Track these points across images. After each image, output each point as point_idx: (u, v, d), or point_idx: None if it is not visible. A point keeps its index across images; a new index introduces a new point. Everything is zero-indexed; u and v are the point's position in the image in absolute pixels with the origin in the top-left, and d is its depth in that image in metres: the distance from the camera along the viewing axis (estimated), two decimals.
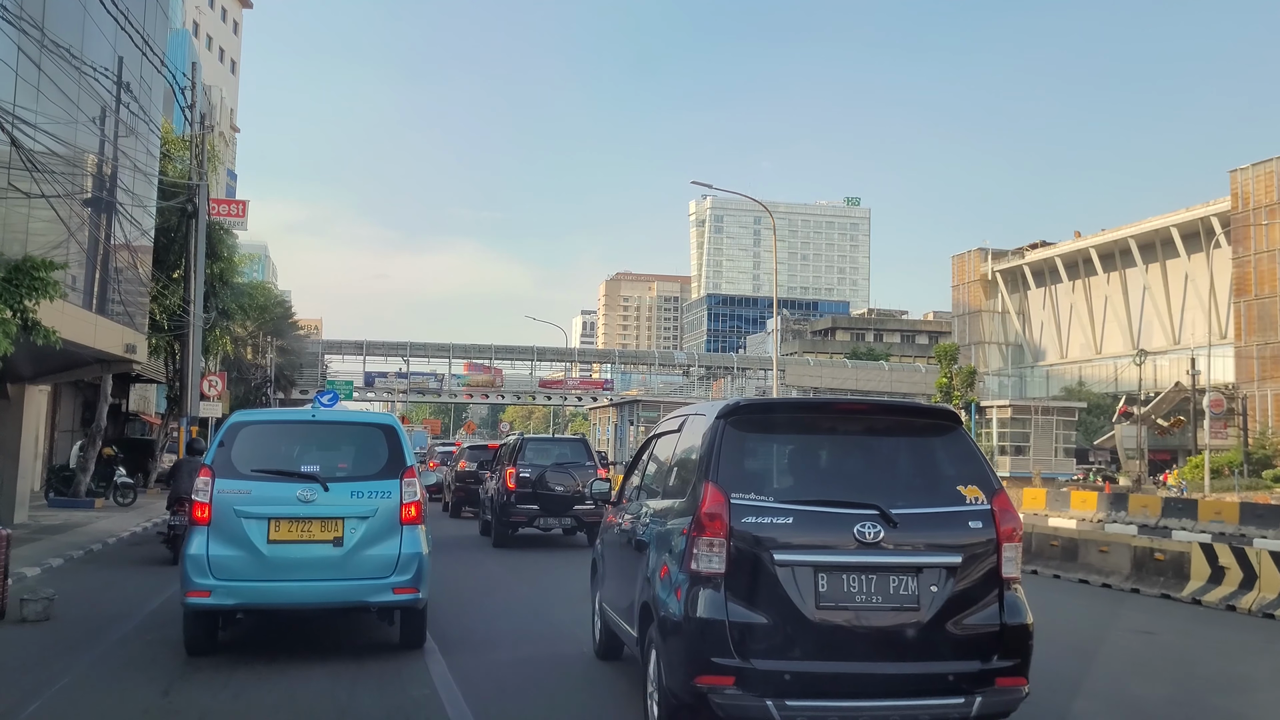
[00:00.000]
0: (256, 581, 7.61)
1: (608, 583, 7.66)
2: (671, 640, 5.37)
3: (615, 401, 59.99)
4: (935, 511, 5.39)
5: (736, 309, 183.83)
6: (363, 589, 7.75)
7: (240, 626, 8.84)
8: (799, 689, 4.98)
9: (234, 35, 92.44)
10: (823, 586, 5.12)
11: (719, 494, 5.25)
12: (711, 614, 5.11)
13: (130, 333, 17.63)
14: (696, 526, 5.25)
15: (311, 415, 9.53)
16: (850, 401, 6.41)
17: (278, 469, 7.93)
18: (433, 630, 8.69)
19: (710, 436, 5.56)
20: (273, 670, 7.59)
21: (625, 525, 7.13)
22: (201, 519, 7.64)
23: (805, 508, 5.27)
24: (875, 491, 5.38)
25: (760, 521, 5.19)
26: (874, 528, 5.18)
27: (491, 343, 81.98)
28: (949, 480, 5.53)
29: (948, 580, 5.23)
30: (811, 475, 5.70)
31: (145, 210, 17.38)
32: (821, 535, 5.21)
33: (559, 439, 20.77)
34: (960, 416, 6.23)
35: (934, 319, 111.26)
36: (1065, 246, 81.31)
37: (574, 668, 7.94)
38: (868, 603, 5.15)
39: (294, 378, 68.37)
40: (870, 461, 5.76)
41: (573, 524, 17.09)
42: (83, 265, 15.41)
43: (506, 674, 7.77)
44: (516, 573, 14.21)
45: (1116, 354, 74.42)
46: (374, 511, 7.81)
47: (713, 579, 5.16)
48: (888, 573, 5.20)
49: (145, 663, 7.82)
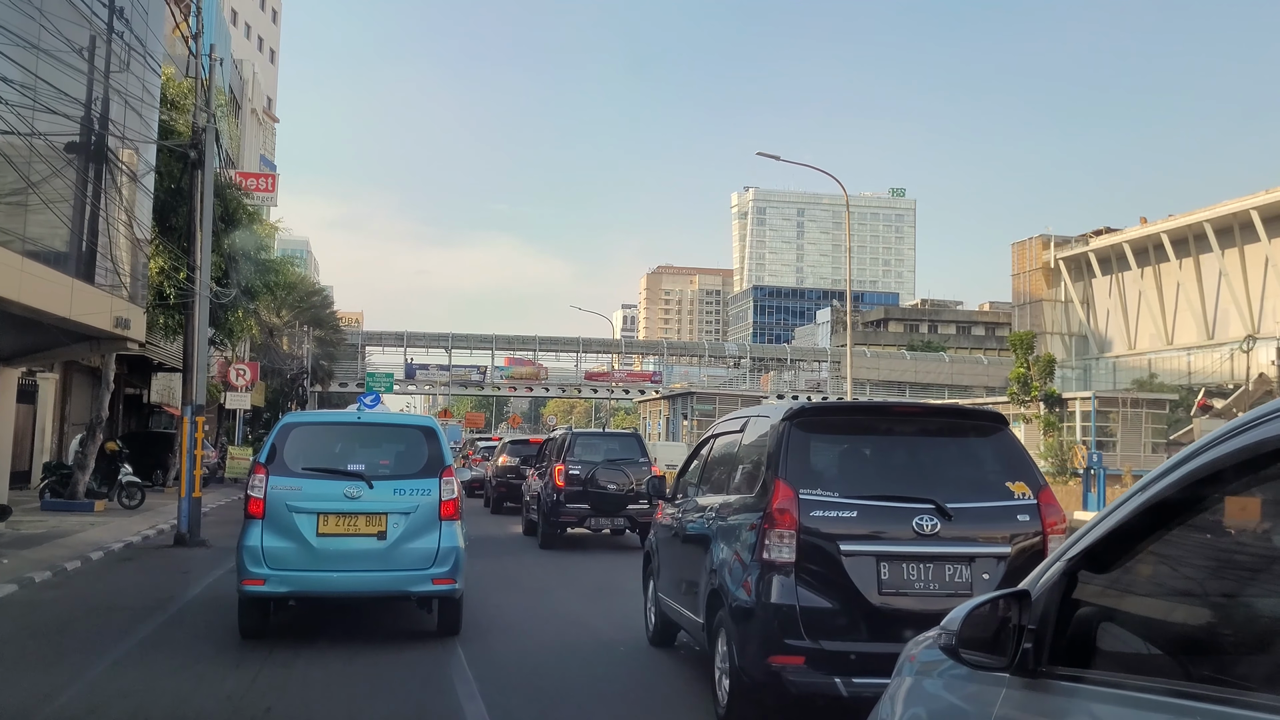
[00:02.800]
0: (306, 571, 8.13)
1: (664, 574, 8.05)
2: (744, 624, 5.75)
3: (667, 394, 57.34)
4: (986, 506, 5.85)
5: (783, 301, 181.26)
6: (404, 579, 8.26)
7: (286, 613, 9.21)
8: (863, 667, 5.31)
9: (273, 24, 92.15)
10: (884, 574, 5.53)
11: (788, 490, 5.66)
12: (784, 599, 5.54)
13: (122, 304, 14.71)
14: (768, 520, 5.64)
15: (357, 417, 10.21)
16: (905, 405, 6.93)
17: (326, 467, 8.45)
18: (498, 621, 9.55)
19: (777, 437, 5.97)
20: (317, 656, 8.01)
21: (686, 519, 7.49)
22: (256, 513, 8.16)
23: (868, 502, 5.69)
24: (930, 487, 5.78)
25: (826, 515, 5.60)
26: (931, 520, 5.60)
27: (535, 334, 79.98)
28: (998, 477, 5.99)
29: (998, 568, 5.66)
30: (871, 473, 6.06)
31: (141, 156, 14.90)
32: (883, 527, 5.65)
33: (609, 433, 20.24)
34: (1006, 418, 6.49)
35: (990, 309, 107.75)
36: (1134, 232, 77.34)
37: (629, 654, 8.45)
38: (925, 589, 5.56)
39: (332, 370, 66.91)
40: (924, 460, 6.16)
41: (625, 524, 16.46)
42: (57, 221, 12.75)
43: (567, 658, 8.25)
44: (565, 571, 14.06)
45: (1189, 344, 70.57)
46: (415, 508, 8.30)
47: (784, 568, 5.57)
48: (944, 562, 5.61)
49: None
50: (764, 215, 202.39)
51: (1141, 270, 76.72)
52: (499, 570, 13.37)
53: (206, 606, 10.38)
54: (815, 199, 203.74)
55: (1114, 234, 79.63)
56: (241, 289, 22.71)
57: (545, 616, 10.37)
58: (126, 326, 14.25)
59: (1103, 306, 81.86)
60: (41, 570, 11.88)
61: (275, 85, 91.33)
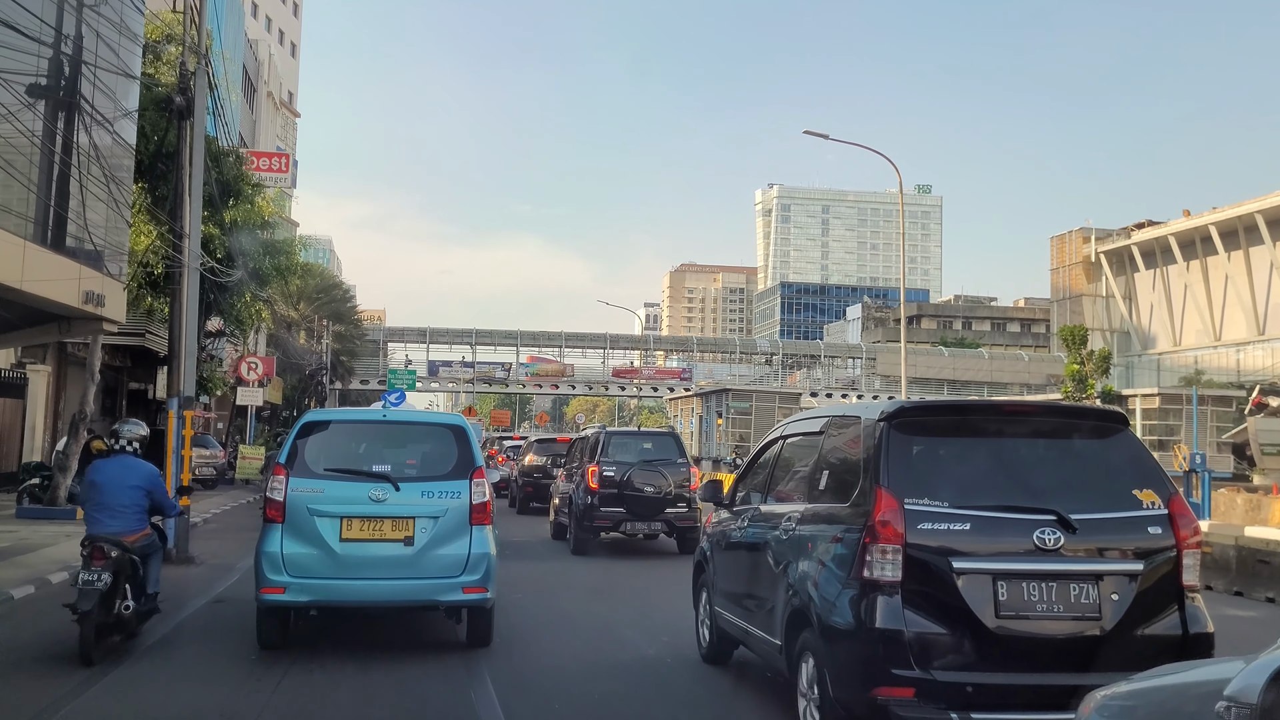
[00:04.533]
0: (329, 579, 7.71)
1: (722, 586, 7.54)
2: (842, 650, 5.23)
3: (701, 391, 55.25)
4: (1114, 517, 5.31)
5: (810, 298, 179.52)
6: (433, 588, 7.86)
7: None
8: (981, 701, 4.89)
9: (294, 17, 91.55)
10: (1002, 595, 5.03)
11: (892, 499, 5.14)
12: (890, 624, 4.99)
13: (95, 276, 12.40)
14: (870, 533, 5.12)
15: (382, 415, 9.72)
16: (1016, 403, 6.38)
17: (350, 468, 8.04)
18: (527, 634, 8.97)
19: (874, 439, 5.44)
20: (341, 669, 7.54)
21: (752, 528, 6.97)
22: (276, 517, 7.75)
23: (982, 513, 5.15)
24: (1049, 496, 5.27)
25: (936, 528, 5.08)
26: (1053, 533, 5.09)
27: (561, 329, 78.26)
28: (1122, 483, 5.44)
29: (1129, 588, 5.15)
30: (982, 479, 5.41)
31: (117, 105, 12.79)
32: (1000, 541, 5.13)
33: (645, 432, 19.60)
34: (1127, 417, 5.94)
35: (1025, 305, 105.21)
36: (1180, 224, 74.56)
37: (679, 672, 7.79)
38: (1048, 612, 5.05)
39: (353, 366, 65.53)
40: (1040, 465, 5.61)
41: (663, 528, 15.66)
42: (11, 178, 10.76)
43: (606, 676, 7.62)
44: (599, 579, 13.32)
45: (1239, 340, 67.89)
46: (444, 511, 7.90)
47: (889, 587, 5.04)
48: (1068, 580, 5.10)
49: None
50: (788, 212, 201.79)
51: (1187, 264, 74.00)
52: (528, 577, 12.60)
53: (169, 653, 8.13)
54: (840, 195, 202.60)
55: (1158, 226, 76.94)
56: (248, 271, 20.86)
57: (580, 629, 9.68)
58: (100, 303, 12.12)
59: (1146, 301, 79.20)
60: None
61: (296, 80, 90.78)
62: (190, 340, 13.14)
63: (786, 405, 48.44)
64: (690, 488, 15.62)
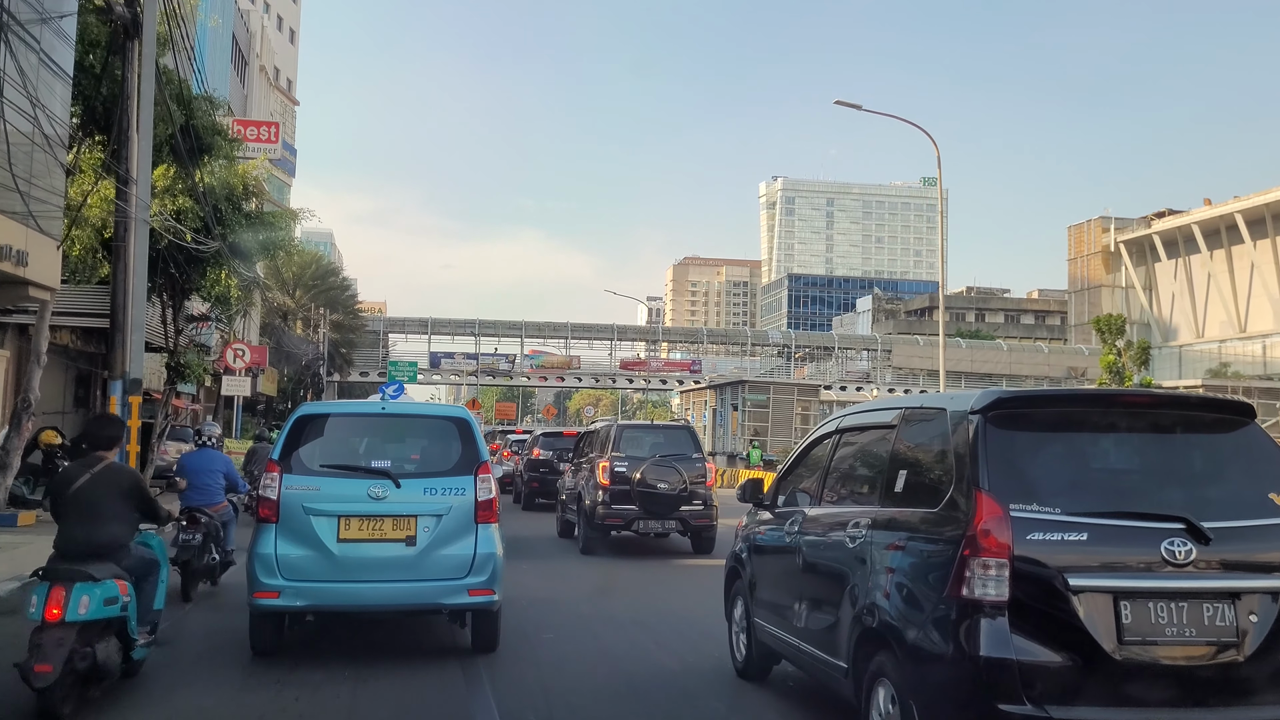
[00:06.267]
0: (326, 582, 7.30)
1: (765, 595, 6.81)
2: (934, 681, 4.58)
3: (715, 383, 53.29)
4: (1252, 524, 4.63)
5: (818, 291, 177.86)
6: (437, 590, 7.43)
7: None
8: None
9: (293, 3, 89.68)
10: (1127, 618, 4.37)
11: (995, 505, 4.48)
12: (996, 651, 4.31)
13: (12, 227, 10.14)
14: (970, 545, 4.46)
15: (381, 408, 9.18)
16: (1130, 393, 6.20)
17: (348, 464, 7.70)
18: (536, 642, 8.31)
19: (967, 434, 4.79)
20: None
21: (804, 533, 6.22)
22: (269, 517, 7.37)
23: (1101, 521, 4.48)
24: (1175, 501, 4.63)
25: (1048, 538, 4.42)
26: (1184, 545, 4.42)
27: (567, 321, 76.25)
28: (1255, 486, 4.78)
29: (1271, 607, 4.49)
30: (1098, 482, 4.83)
31: (40, 8, 10.58)
32: (1123, 554, 4.47)
33: (658, 426, 18.69)
34: (1253, 409, 5.24)
35: (1039, 297, 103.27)
36: (1202, 213, 72.42)
37: (710, 688, 7.01)
38: (1178, 636, 4.39)
39: (352, 357, 63.74)
40: (1161, 465, 4.93)
41: (677, 527, 15.03)
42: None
43: (625, 692, 6.84)
44: (611, 581, 12.67)
45: (1266, 331, 65.92)
46: (448, 509, 7.51)
47: (992, 608, 4.37)
48: (1200, 600, 4.44)
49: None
50: (793, 205, 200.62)
51: (1211, 253, 71.95)
52: (535, 578, 11.99)
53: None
54: (845, 188, 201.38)
55: (1179, 215, 74.81)
56: (226, 243, 18.88)
57: (593, 637, 8.90)
58: (21, 261, 10.04)
59: (1167, 292, 77.20)
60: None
61: (295, 67, 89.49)
62: (138, 310, 11.18)
63: (805, 398, 46.77)
64: (706, 484, 15.05)
